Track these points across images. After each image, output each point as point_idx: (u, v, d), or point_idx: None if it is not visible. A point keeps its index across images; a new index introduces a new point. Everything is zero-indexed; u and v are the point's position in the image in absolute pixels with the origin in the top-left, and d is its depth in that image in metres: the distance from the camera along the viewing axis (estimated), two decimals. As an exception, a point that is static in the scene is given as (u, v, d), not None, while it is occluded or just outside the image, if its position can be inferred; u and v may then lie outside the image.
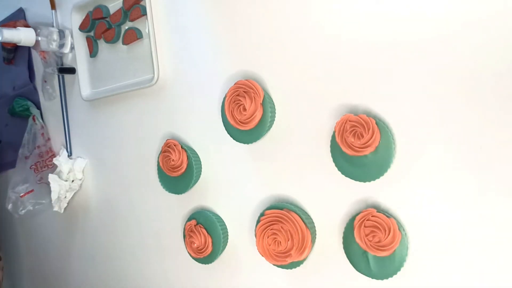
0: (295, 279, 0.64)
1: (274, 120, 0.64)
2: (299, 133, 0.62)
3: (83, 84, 0.87)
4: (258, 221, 0.62)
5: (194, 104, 0.73)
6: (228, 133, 0.66)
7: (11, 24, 0.90)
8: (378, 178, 0.54)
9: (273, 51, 0.64)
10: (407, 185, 0.53)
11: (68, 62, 0.92)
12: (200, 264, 0.71)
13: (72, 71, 0.90)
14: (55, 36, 0.88)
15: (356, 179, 0.56)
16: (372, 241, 0.53)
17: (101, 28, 0.83)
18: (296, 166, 0.62)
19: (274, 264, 0.60)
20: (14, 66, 1.06)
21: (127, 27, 0.80)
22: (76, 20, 0.86)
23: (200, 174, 0.73)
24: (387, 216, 0.53)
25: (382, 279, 0.54)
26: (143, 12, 0.76)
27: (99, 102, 0.88)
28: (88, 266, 0.96)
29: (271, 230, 0.60)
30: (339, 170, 0.57)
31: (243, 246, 0.69)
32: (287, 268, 0.61)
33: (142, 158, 0.81)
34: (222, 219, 0.71)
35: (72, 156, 0.95)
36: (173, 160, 0.71)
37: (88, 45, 0.87)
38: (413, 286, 0.53)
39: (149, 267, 0.83)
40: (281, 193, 0.65)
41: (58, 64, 0.92)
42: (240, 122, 0.62)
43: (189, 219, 0.73)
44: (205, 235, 0.69)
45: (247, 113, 0.61)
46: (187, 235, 0.71)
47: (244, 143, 0.65)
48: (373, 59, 0.55)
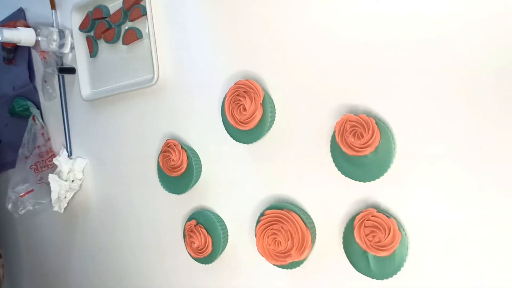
0: (295, 279, 0.64)
1: (274, 120, 0.64)
2: (299, 133, 0.62)
3: (83, 84, 0.87)
4: (258, 221, 0.62)
5: (194, 104, 0.73)
6: (228, 133, 0.66)
7: (11, 24, 0.90)
8: (378, 178, 0.54)
9: (273, 51, 0.64)
10: (407, 185, 0.53)
11: (68, 62, 0.92)
12: (200, 264, 0.71)
13: (72, 71, 0.90)
14: (55, 36, 0.88)
15: (356, 179, 0.56)
16: (372, 241, 0.53)
17: (101, 28, 0.83)
18: (296, 166, 0.62)
19: (274, 264, 0.60)
20: (14, 66, 1.05)
21: (127, 27, 0.80)
22: (76, 20, 0.86)
23: (200, 174, 0.73)
24: (387, 216, 0.53)
25: (382, 279, 0.54)
26: (143, 12, 0.76)
27: (99, 102, 0.88)
28: (88, 266, 0.96)
29: (271, 230, 0.60)
30: (339, 170, 0.57)
31: (243, 246, 0.69)
32: (287, 268, 0.61)
33: (142, 158, 0.81)
34: (222, 219, 0.71)
35: (72, 156, 0.95)
36: (173, 160, 0.71)
37: (88, 45, 0.87)
38: (413, 286, 0.53)
39: (149, 267, 0.83)
40: (281, 193, 0.65)
41: (58, 64, 0.92)
42: (240, 122, 0.62)
43: (189, 219, 0.73)
44: (205, 235, 0.69)
45: (247, 113, 0.61)
46: (187, 235, 0.71)
47: (244, 143, 0.65)
48: (373, 59, 0.55)
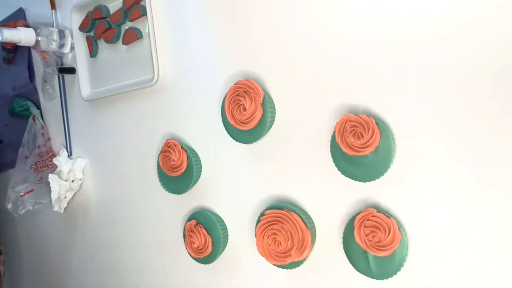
0: (295, 279, 0.64)
1: (274, 120, 0.64)
2: (299, 133, 0.62)
3: (83, 84, 0.87)
4: (258, 221, 0.62)
5: (194, 104, 0.73)
6: (228, 133, 0.66)
7: (11, 24, 0.90)
8: (378, 178, 0.54)
9: (273, 51, 0.64)
10: (407, 185, 0.53)
11: (68, 62, 0.92)
12: (200, 264, 0.71)
13: (72, 71, 0.90)
14: (55, 36, 0.88)
15: (356, 179, 0.56)
16: (372, 241, 0.53)
17: (101, 28, 0.83)
18: (296, 166, 0.62)
19: (274, 264, 0.60)
20: (14, 66, 1.05)
21: (127, 27, 0.80)
22: (76, 20, 0.86)
23: (200, 174, 0.73)
24: (387, 216, 0.53)
25: (382, 279, 0.54)
26: (143, 12, 0.76)
27: (99, 102, 0.88)
28: (88, 266, 0.96)
29: (271, 230, 0.60)
30: (339, 170, 0.57)
31: (243, 246, 0.69)
32: (287, 268, 0.61)
33: (142, 158, 0.81)
34: (222, 219, 0.71)
35: (72, 156, 0.95)
36: (173, 160, 0.71)
37: (88, 45, 0.87)
38: (413, 286, 0.53)
39: (149, 267, 0.83)
40: (281, 193, 0.64)
41: (58, 64, 0.92)
42: (240, 122, 0.62)
43: (189, 219, 0.73)
44: (205, 235, 0.69)
45: (247, 113, 0.61)
46: (187, 235, 0.71)
47: (244, 143, 0.65)
48: (373, 59, 0.55)
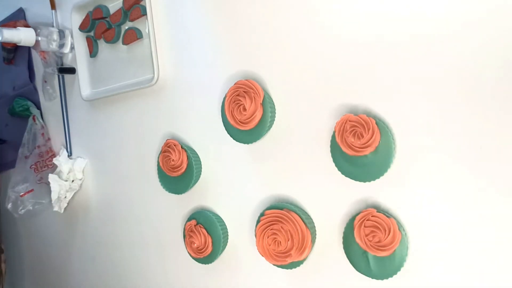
0: (295, 279, 0.64)
1: (274, 120, 0.64)
2: (299, 133, 0.62)
3: (83, 84, 0.87)
4: (258, 221, 0.62)
5: (194, 104, 0.73)
6: (228, 133, 0.66)
7: (11, 24, 0.90)
8: (378, 178, 0.54)
9: (273, 51, 0.64)
10: (407, 185, 0.53)
11: (68, 62, 0.92)
12: (200, 264, 0.71)
13: (72, 71, 0.90)
14: (55, 36, 0.88)
15: (356, 179, 0.56)
16: (372, 241, 0.53)
17: (101, 28, 0.83)
18: (296, 166, 0.62)
19: (274, 264, 0.60)
20: (14, 66, 1.05)
21: (127, 27, 0.80)
22: (76, 20, 0.86)
23: (200, 174, 0.73)
24: (387, 216, 0.53)
25: (382, 279, 0.54)
26: (143, 12, 0.76)
27: (99, 102, 0.88)
28: (88, 266, 0.96)
29: (271, 230, 0.60)
30: (339, 170, 0.57)
31: (243, 246, 0.69)
32: (287, 268, 0.61)
33: (142, 158, 0.81)
34: (222, 219, 0.71)
35: (72, 156, 0.95)
36: (173, 160, 0.71)
37: (88, 45, 0.87)
38: (413, 286, 0.53)
39: (149, 267, 0.83)
40: (281, 193, 0.64)
41: (58, 64, 0.92)
42: (240, 122, 0.62)
43: (189, 219, 0.73)
44: (205, 235, 0.69)
45: (247, 113, 0.61)
46: (187, 235, 0.71)
47: (244, 143, 0.65)
48: (373, 59, 0.55)
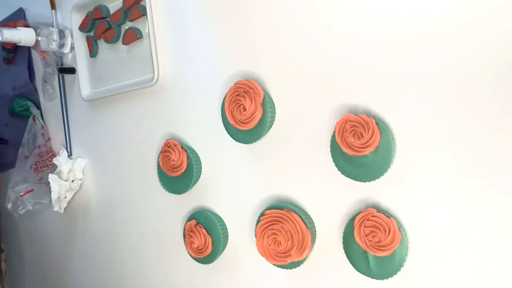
0: (295, 279, 0.64)
1: (274, 120, 0.64)
2: (299, 133, 0.62)
3: (83, 84, 0.87)
4: (258, 221, 0.62)
5: (194, 104, 0.73)
6: (228, 133, 0.66)
7: (11, 24, 0.90)
8: (378, 178, 0.54)
9: (273, 51, 0.64)
10: (407, 185, 0.53)
11: (68, 62, 0.92)
12: (200, 264, 0.71)
13: (72, 71, 0.90)
14: (55, 36, 0.88)
15: (356, 179, 0.56)
16: (372, 241, 0.53)
17: (101, 28, 0.83)
18: (296, 166, 0.62)
19: (274, 264, 0.60)
20: (14, 66, 1.05)
21: (127, 27, 0.80)
22: (76, 20, 0.86)
23: (200, 174, 0.73)
24: (387, 216, 0.53)
25: (382, 279, 0.54)
26: (143, 12, 0.76)
27: (99, 102, 0.88)
28: (88, 266, 0.96)
29: (271, 230, 0.60)
30: (339, 170, 0.57)
31: (243, 246, 0.69)
32: (287, 268, 0.61)
33: (142, 158, 0.81)
34: (222, 219, 0.71)
35: (72, 156, 0.95)
36: (173, 160, 0.71)
37: (88, 45, 0.87)
38: (413, 286, 0.53)
39: (149, 267, 0.83)
40: (281, 193, 0.64)
41: (58, 64, 0.92)
42: (240, 122, 0.62)
43: (189, 219, 0.73)
44: (205, 235, 0.69)
45: (247, 113, 0.61)
46: (187, 235, 0.71)
47: (244, 143, 0.65)
48: (373, 59, 0.55)
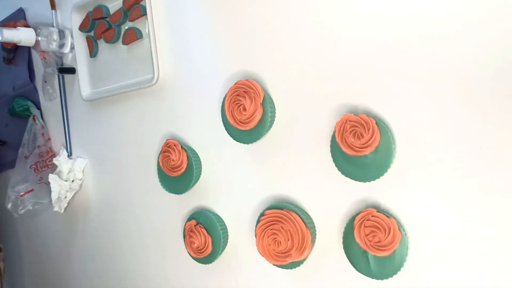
0: (295, 279, 0.64)
1: (274, 120, 0.64)
2: (299, 133, 0.62)
3: (83, 84, 0.87)
4: (258, 221, 0.62)
5: (194, 104, 0.73)
6: (228, 133, 0.66)
7: (11, 24, 0.90)
8: (378, 178, 0.54)
9: (273, 51, 0.64)
10: (407, 185, 0.53)
11: (68, 62, 0.92)
12: (200, 264, 0.71)
13: (72, 71, 0.90)
14: (55, 36, 0.88)
15: (356, 179, 0.56)
16: (372, 241, 0.53)
17: (101, 28, 0.83)
18: (296, 166, 0.62)
19: (274, 264, 0.60)
20: (14, 66, 1.05)
21: (127, 27, 0.80)
22: (76, 20, 0.86)
23: (200, 174, 0.73)
24: (387, 216, 0.53)
25: (382, 279, 0.54)
26: (143, 12, 0.76)
27: (99, 102, 0.88)
28: (88, 266, 0.96)
29: (271, 230, 0.60)
30: (339, 170, 0.57)
31: (243, 246, 0.69)
32: (287, 268, 0.61)
33: (142, 158, 0.81)
34: (222, 219, 0.71)
35: (72, 156, 0.95)
36: (173, 160, 0.71)
37: (88, 45, 0.87)
38: (413, 286, 0.53)
39: (149, 267, 0.83)
40: (281, 193, 0.64)
41: (58, 64, 0.92)
42: (240, 122, 0.62)
43: (189, 219, 0.73)
44: (205, 235, 0.69)
45: (247, 113, 0.61)
46: (187, 235, 0.71)
47: (244, 143, 0.65)
48: (373, 59, 0.55)
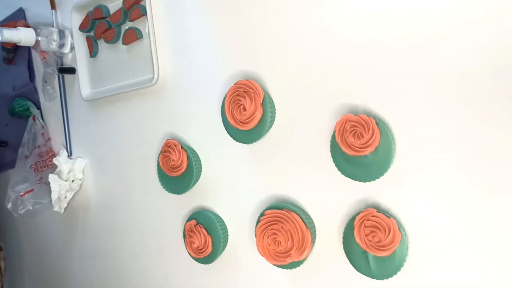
0: (295, 279, 0.64)
1: (274, 120, 0.64)
2: (299, 133, 0.62)
3: (83, 84, 0.87)
4: (258, 221, 0.62)
5: (194, 104, 0.73)
6: (228, 133, 0.66)
7: (11, 24, 0.90)
8: (378, 178, 0.54)
9: (273, 51, 0.64)
10: (407, 185, 0.53)
11: (68, 62, 0.92)
12: (200, 264, 0.71)
13: (72, 71, 0.90)
14: (55, 36, 0.88)
15: (356, 179, 0.56)
16: (372, 241, 0.53)
17: (101, 28, 0.83)
18: (296, 166, 0.62)
19: (274, 264, 0.60)
20: (14, 66, 1.05)
21: (127, 27, 0.80)
22: (76, 20, 0.86)
23: (200, 174, 0.73)
24: (387, 216, 0.53)
25: (382, 279, 0.54)
26: (143, 12, 0.76)
27: (99, 102, 0.88)
28: (88, 266, 0.96)
29: (271, 230, 0.60)
30: (339, 170, 0.57)
31: (243, 246, 0.69)
32: (287, 268, 0.61)
33: (142, 158, 0.81)
34: (222, 219, 0.71)
35: (72, 156, 0.95)
36: (173, 160, 0.71)
37: (88, 45, 0.87)
38: (413, 286, 0.53)
39: (149, 267, 0.83)
40: (281, 193, 0.64)
41: (58, 64, 0.92)
42: (240, 122, 0.62)
43: (189, 219, 0.73)
44: (205, 235, 0.69)
45: (247, 113, 0.61)
46: (187, 235, 0.71)
47: (244, 143, 0.65)
48: (373, 59, 0.55)
